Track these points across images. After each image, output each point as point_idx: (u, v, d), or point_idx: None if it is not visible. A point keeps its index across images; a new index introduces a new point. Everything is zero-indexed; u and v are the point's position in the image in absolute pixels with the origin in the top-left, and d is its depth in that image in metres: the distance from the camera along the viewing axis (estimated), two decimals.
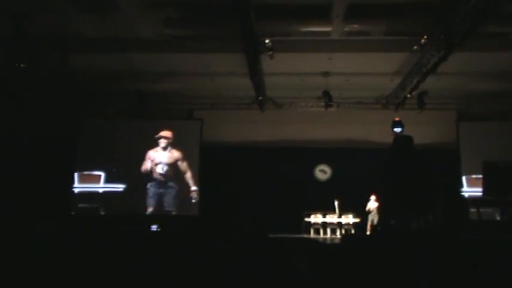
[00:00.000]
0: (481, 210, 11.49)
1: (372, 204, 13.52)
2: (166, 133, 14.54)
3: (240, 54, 10.72)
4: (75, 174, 14.31)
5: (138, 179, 14.30)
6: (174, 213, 14.28)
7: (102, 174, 14.35)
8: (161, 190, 14.32)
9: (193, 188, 14.40)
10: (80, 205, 14.20)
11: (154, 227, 13.41)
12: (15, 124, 13.80)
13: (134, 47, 11.23)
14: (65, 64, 10.76)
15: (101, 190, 14.31)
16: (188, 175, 14.45)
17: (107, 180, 14.31)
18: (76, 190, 14.29)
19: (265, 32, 10.20)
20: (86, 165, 14.39)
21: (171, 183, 14.38)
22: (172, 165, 14.47)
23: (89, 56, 11.50)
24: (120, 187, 14.28)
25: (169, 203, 14.31)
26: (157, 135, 14.45)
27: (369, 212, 13.57)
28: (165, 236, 7.35)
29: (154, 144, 14.55)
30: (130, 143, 14.38)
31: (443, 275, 3.83)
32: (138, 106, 14.30)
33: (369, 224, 13.49)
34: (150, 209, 14.19)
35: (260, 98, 13.71)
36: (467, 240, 5.71)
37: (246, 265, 4.01)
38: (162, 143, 14.50)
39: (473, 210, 11.70)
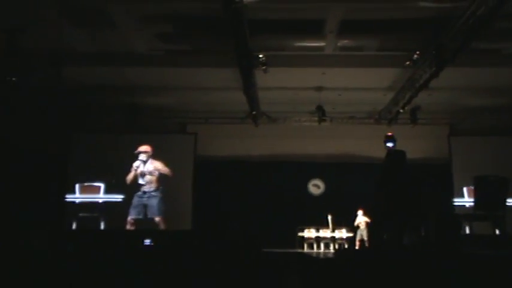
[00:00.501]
0: (473, 224, 11.52)
1: (360, 218, 13.48)
2: (144, 148, 14.68)
3: (234, 69, 10.76)
4: (76, 186, 14.63)
5: (134, 190, 14.56)
6: (157, 219, 14.35)
7: (102, 185, 14.66)
8: (144, 199, 14.52)
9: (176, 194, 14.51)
10: (81, 214, 14.51)
11: (147, 241, 13.41)
12: (7, 138, 13.70)
13: (128, 61, 11.24)
14: (59, 78, 10.76)
15: (100, 200, 14.65)
16: (171, 181, 14.52)
17: (107, 191, 14.65)
18: (77, 200, 14.66)
19: (259, 47, 10.27)
20: (86, 176, 14.72)
21: (154, 193, 14.56)
22: (154, 175, 14.63)
23: (83, 70, 11.51)
24: (119, 197, 14.57)
25: (152, 211, 14.46)
26: (136, 151, 14.61)
27: (358, 227, 13.52)
28: (158, 252, 7.32)
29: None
30: (126, 155, 14.55)
31: None
32: (132, 120, 14.32)
33: (358, 238, 13.47)
34: (130, 217, 14.34)
35: (254, 112, 13.74)
36: (459, 254, 5.72)
37: (239, 280, 4.00)
38: (142, 157, 14.65)
39: (465, 224, 11.74)
